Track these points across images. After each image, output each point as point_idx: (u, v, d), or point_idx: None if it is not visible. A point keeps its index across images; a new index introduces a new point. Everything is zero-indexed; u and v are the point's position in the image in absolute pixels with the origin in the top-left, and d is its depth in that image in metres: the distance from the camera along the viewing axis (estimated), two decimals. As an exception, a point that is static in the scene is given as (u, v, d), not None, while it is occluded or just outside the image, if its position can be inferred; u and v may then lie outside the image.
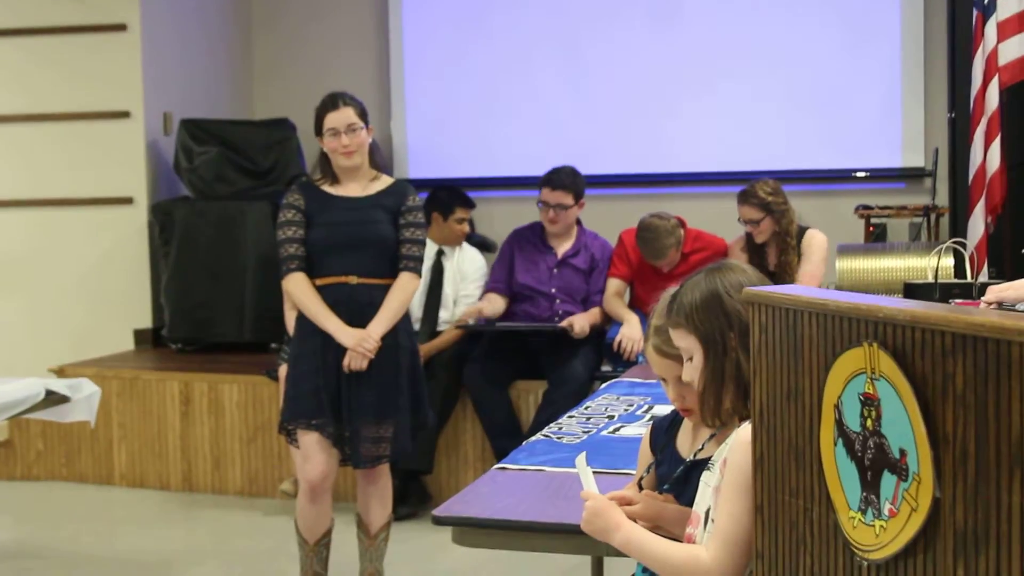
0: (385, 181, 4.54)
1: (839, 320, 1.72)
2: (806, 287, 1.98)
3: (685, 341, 2.23)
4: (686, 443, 2.44)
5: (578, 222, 6.07)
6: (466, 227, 6.25)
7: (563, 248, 6.01)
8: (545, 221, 5.97)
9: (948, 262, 5.83)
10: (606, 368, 5.80)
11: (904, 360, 1.60)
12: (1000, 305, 3.42)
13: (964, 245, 5.71)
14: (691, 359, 2.23)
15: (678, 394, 2.35)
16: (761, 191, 5.55)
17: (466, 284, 6.10)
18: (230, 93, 8.18)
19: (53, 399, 4.45)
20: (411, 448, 4.63)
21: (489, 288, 6.09)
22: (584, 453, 2.41)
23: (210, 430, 6.29)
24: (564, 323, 5.75)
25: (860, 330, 1.68)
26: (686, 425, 2.46)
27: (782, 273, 5.52)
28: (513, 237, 6.18)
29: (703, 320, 2.19)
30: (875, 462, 1.67)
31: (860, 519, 1.70)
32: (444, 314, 6.11)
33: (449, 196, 6.23)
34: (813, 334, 1.78)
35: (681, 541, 2.25)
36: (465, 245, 6.30)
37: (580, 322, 5.75)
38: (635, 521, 2.29)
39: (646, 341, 2.44)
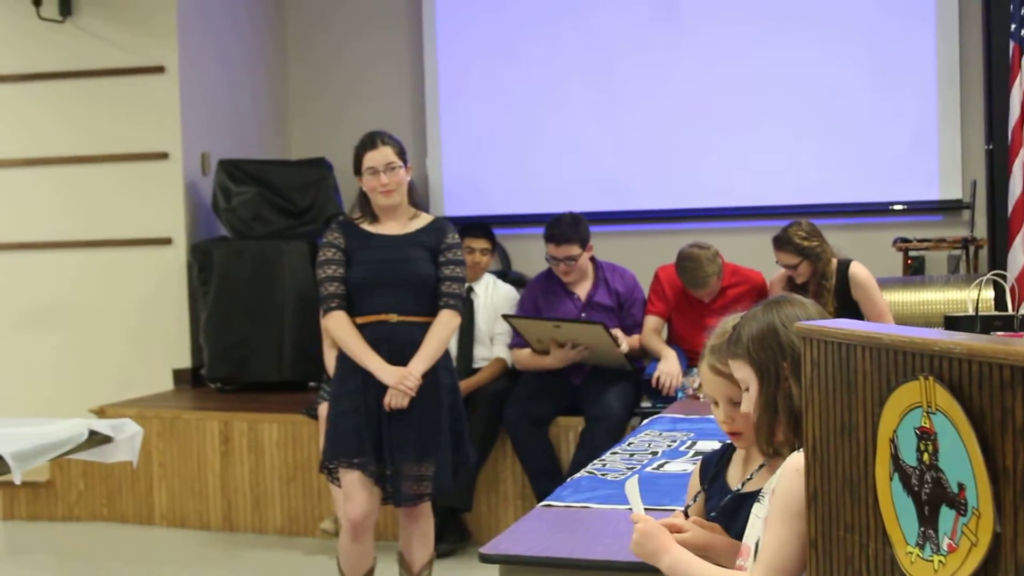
0: (424, 219, 4.55)
1: (893, 354, 1.71)
2: (859, 321, 1.97)
3: (743, 372, 2.27)
4: (736, 475, 2.45)
5: (592, 259, 6.02)
6: (479, 258, 6.12)
7: (584, 290, 5.96)
8: (559, 274, 5.93)
9: (988, 294, 5.80)
10: (645, 404, 5.78)
11: (961, 394, 1.59)
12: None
13: (1004, 277, 5.69)
14: (747, 390, 2.26)
15: (727, 416, 2.38)
16: (796, 237, 5.54)
17: (501, 322, 6.05)
18: (267, 133, 8.24)
19: (96, 439, 4.46)
20: (452, 485, 4.63)
21: (514, 344, 5.99)
22: (635, 478, 2.42)
23: (250, 469, 6.30)
24: (615, 330, 5.71)
25: (915, 364, 1.67)
26: (737, 458, 2.47)
27: None
28: (531, 290, 6.09)
29: (758, 351, 2.22)
30: (932, 496, 1.65)
31: (918, 554, 1.69)
32: (481, 351, 6.09)
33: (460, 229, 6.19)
34: (867, 368, 1.77)
35: None
36: (499, 282, 6.27)
37: (626, 337, 5.73)
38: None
39: (701, 361, 2.47)
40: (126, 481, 6.53)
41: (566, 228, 5.82)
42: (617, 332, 5.73)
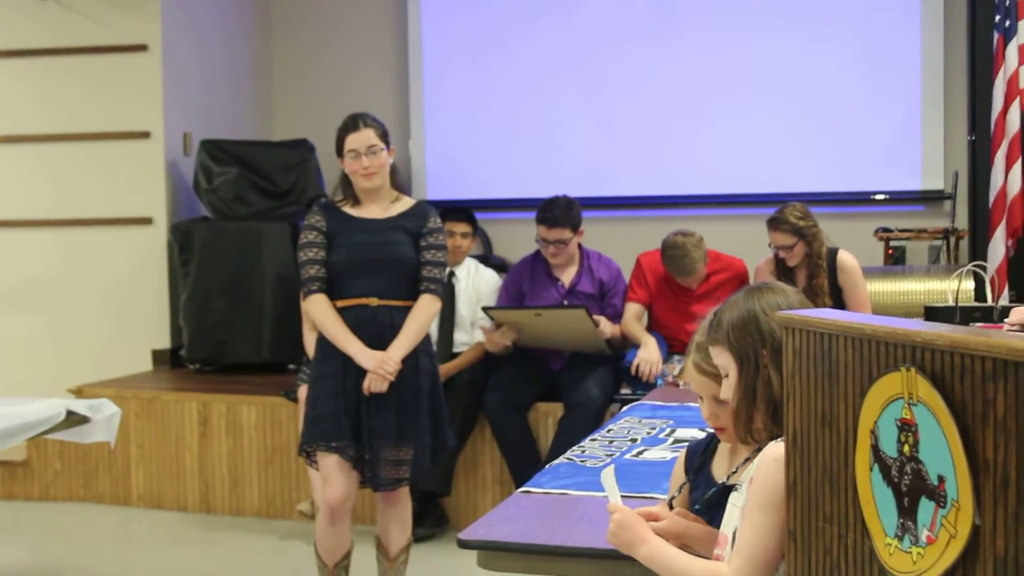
0: (406, 203, 4.53)
1: (875, 344, 1.71)
2: (841, 311, 1.96)
3: (722, 358, 2.27)
4: (721, 467, 2.44)
5: (578, 246, 6.02)
6: (459, 241, 6.07)
7: (568, 276, 5.95)
8: (547, 256, 5.92)
9: (968, 285, 5.82)
10: (625, 391, 5.77)
11: (943, 385, 1.58)
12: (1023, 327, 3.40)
13: (984, 268, 5.70)
14: (727, 376, 2.26)
15: (712, 412, 2.37)
16: (792, 216, 5.52)
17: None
18: (249, 113, 8.20)
19: (74, 419, 4.45)
20: (431, 470, 4.62)
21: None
22: (612, 467, 2.41)
23: (228, 451, 6.28)
24: (597, 317, 5.70)
25: (897, 355, 1.66)
26: (722, 449, 2.46)
27: (813, 295, 5.49)
28: (517, 273, 6.08)
29: (738, 338, 2.22)
30: (912, 488, 1.65)
31: (897, 546, 1.68)
32: (462, 336, 6.08)
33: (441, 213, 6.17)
34: (849, 358, 1.77)
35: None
36: (480, 266, 6.25)
37: (607, 323, 5.73)
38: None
39: (687, 356, 2.46)
40: (103, 461, 6.51)
41: (559, 211, 5.82)
42: (600, 318, 5.73)
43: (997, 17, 5.79)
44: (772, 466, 2.05)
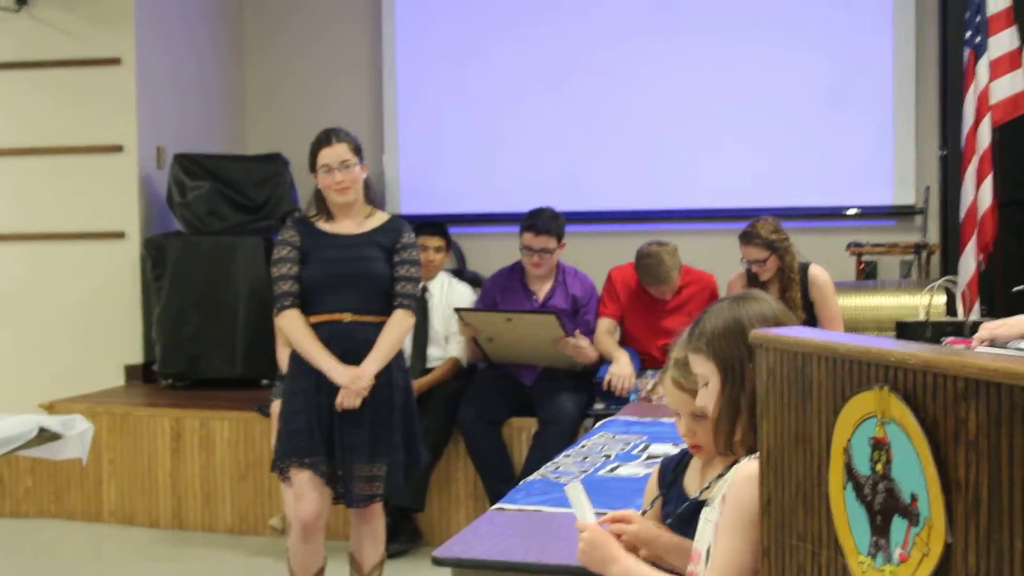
0: (380, 218, 4.53)
1: (849, 364, 1.71)
2: (815, 330, 1.97)
3: (703, 367, 2.22)
4: (694, 482, 2.43)
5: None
6: (432, 256, 6.05)
7: (543, 290, 5.96)
8: (529, 265, 5.92)
9: (940, 300, 5.85)
10: (598, 406, 5.78)
11: (915, 404, 1.59)
12: (993, 343, 3.42)
13: (955, 283, 5.74)
14: (707, 385, 2.22)
15: (689, 429, 2.35)
16: (763, 230, 5.54)
17: (456, 321, 6.03)
18: (223, 127, 8.19)
19: (46, 436, 4.42)
20: (404, 486, 4.61)
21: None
22: (576, 482, 2.40)
23: (201, 467, 6.25)
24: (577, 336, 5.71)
25: (871, 374, 1.67)
26: (695, 464, 2.45)
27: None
28: (492, 284, 6.10)
29: (723, 347, 2.18)
30: (885, 506, 1.66)
31: (870, 564, 1.69)
32: (435, 351, 6.08)
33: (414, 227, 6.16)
34: (822, 377, 1.77)
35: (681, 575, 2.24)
36: (454, 281, 6.25)
37: (585, 341, 5.73)
38: (636, 550, 2.29)
39: (664, 372, 2.43)
40: (75, 477, 6.47)
41: (547, 220, 5.84)
42: (580, 337, 5.74)
43: (968, 33, 5.83)
44: (746, 484, 2.02)
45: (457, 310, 5.87)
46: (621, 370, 5.69)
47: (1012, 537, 1.46)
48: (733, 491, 2.08)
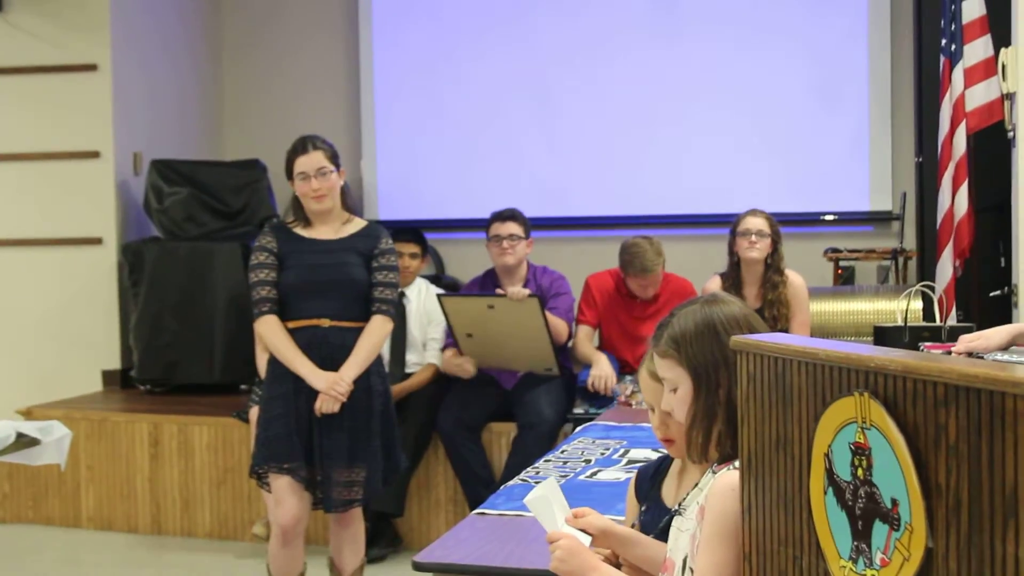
0: (358, 224, 4.54)
1: (829, 369, 1.72)
2: (795, 336, 1.98)
3: (672, 372, 2.14)
4: (671, 492, 2.39)
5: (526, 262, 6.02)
6: (408, 262, 6.04)
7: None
8: (498, 255, 5.89)
9: (917, 305, 5.86)
10: (578, 411, 5.78)
11: (896, 410, 1.60)
12: (970, 355, 3.44)
13: (933, 288, 5.76)
14: (675, 390, 2.14)
15: (661, 422, 2.27)
16: (766, 214, 5.62)
17: (434, 327, 6.03)
18: (200, 133, 8.17)
19: (23, 442, 4.40)
20: (383, 491, 4.62)
21: (446, 346, 5.98)
22: (536, 490, 2.32)
23: (179, 472, 6.24)
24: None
25: (851, 379, 1.68)
26: (672, 472, 2.42)
27: (771, 306, 5.51)
28: (467, 290, 6.12)
29: (696, 352, 2.10)
30: (866, 511, 1.67)
31: (851, 568, 1.70)
32: (414, 356, 6.07)
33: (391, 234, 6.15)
34: (803, 383, 1.78)
35: None
36: (432, 287, 6.24)
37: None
38: (615, 560, 2.27)
39: (640, 366, 2.35)
40: (53, 483, 6.45)
41: (510, 211, 5.90)
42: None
43: (943, 41, 5.85)
44: (729, 495, 1.96)
45: (439, 296, 5.86)
46: (602, 371, 5.71)
47: (992, 541, 1.47)
48: (714, 502, 2.01)
